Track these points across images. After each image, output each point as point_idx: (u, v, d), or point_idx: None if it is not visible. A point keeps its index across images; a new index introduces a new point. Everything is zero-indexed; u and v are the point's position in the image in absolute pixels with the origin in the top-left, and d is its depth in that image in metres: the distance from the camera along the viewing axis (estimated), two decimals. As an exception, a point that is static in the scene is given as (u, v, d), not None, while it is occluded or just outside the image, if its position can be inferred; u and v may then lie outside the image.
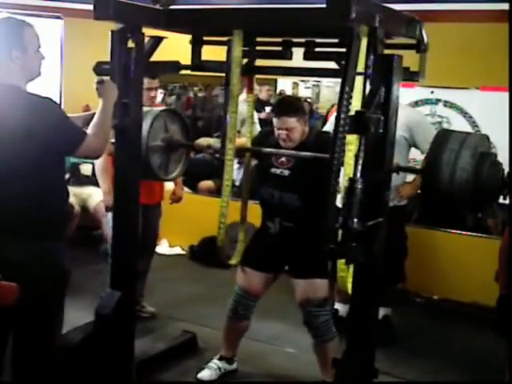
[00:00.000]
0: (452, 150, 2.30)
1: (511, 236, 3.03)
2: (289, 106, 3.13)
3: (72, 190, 5.25)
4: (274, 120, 3.12)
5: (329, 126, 4.11)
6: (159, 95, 7.22)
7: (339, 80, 2.18)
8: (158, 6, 2.66)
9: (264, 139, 3.28)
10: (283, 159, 3.15)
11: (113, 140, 2.70)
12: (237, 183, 5.43)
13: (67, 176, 5.28)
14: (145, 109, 3.10)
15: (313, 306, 3.13)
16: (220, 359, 3.45)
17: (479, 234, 4.76)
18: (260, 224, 3.32)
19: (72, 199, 5.20)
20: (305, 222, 3.05)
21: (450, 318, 4.47)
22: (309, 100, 8.30)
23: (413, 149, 3.95)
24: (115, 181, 2.86)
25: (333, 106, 6.40)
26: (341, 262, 2.32)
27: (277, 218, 3.16)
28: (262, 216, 3.29)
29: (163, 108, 3.24)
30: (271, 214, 3.19)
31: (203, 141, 3.30)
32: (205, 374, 3.40)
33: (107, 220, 4.08)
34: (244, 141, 3.23)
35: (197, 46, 2.93)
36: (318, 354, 3.24)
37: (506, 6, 3.37)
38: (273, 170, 3.17)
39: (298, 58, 2.87)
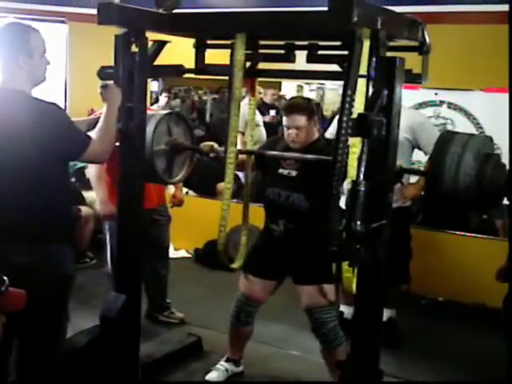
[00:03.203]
0: (455, 152, 2.29)
1: (510, 237, 3.04)
2: (298, 104, 3.16)
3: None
4: (284, 119, 3.16)
5: (332, 129, 4.11)
6: (162, 99, 7.27)
7: (342, 82, 2.19)
8: (161, 11, 2.67)
9: (273, 145, 3.31)
10: (291, 160, 3.17)
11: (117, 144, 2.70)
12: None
13: (73, 180, 5.29)
14: (148, 112, 3.10)
15: (320, 313, 3.11)
16: (227, 361, 3.47)
17: (484, 236, 4.74)
18: (262, 228, 3.29)
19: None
20: (309, 224, 3.04)
21: (455, 319, 4.45)
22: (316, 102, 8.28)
23: (417, 150, 3.96)
24: (120, 184, 2.87)
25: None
26: (345, 264, 2.33)
27: (281, 219, 3.13)
28: (265, 219, 3.27)
29: (167, 111, 3.24)
30: (276, 216, 3.16)
31: (206, 144, 3.31)
32: (212, 376, 3.42)
33: (104, 231, 3.95)
34: (245, 157, 3.22)
35: (200, 49, 2.94)
36: (326, 358, 3.20)
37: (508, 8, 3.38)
38: (280, 170, 3.17)
39: (301, 61, 2.88)
